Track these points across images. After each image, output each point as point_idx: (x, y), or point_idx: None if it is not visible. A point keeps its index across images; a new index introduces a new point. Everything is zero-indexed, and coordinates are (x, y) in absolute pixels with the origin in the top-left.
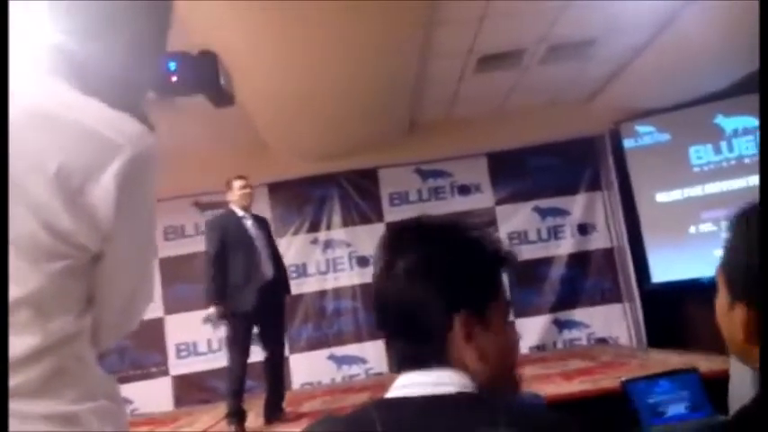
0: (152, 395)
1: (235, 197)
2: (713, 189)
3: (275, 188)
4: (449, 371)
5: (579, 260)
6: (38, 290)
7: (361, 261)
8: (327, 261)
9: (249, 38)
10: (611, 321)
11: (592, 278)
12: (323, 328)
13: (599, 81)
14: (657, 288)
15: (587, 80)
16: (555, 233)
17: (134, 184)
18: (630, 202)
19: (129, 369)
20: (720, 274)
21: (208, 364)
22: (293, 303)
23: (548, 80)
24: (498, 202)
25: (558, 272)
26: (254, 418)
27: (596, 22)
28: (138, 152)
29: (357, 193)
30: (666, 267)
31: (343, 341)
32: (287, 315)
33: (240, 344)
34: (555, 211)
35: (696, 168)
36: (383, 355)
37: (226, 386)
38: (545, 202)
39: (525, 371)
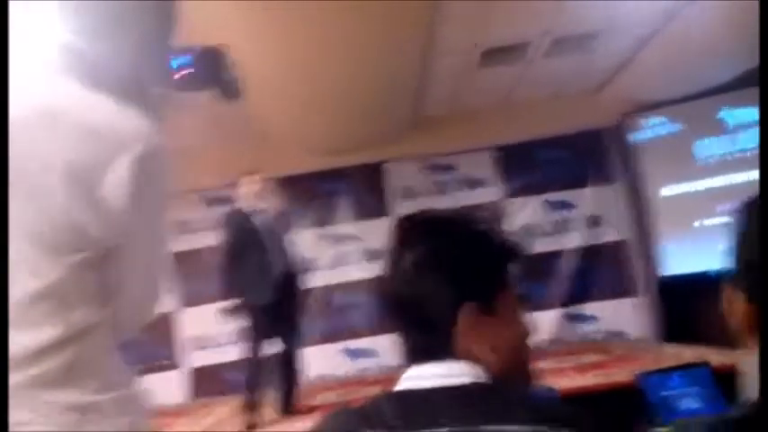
0: (168, 387)
1: (248, 192)
2: (721, 182)
3: (283, 183)
4: (459, 362)
5: (589, 253)
6: (57, 282)
7: (371, 255)
8: (336, 255)
9: (253, 36)
10: (622, 315)
11: (602, 271)
12: (335, 321)
13: (605, 73)
14: (668, 281)
15: (593, 72)
16: (564, 227)
17: (146, 179)
18: (640, 195)
19: (141, 362)
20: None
21: (223, 356)
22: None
23: (553, 73)
24: (506, 195)
25: (569, 265)
26: (267, 411)
27: (600, 14)
28: (150, 147)
29: (364, 187)
30: (677, 260)
31: (355, 335)
32: (300, 309)
33: (257, 336)
34: (563, 205)
35: (702, 161)
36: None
37: (244, 378)
38: (553, 196)
39: (538, 365)
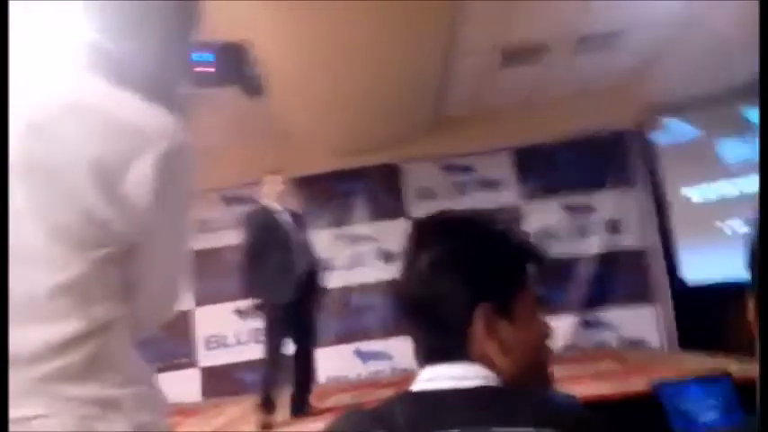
0: (180, 386)
1: (271, 192)
2: (748, 186)
3: (301, 183)
4: (473, 364)
5: (608, 259)
6: (80, 276)
7: (387, 256)
8: (353, 256)
9: (276, 35)
10: (641, 323)
11: (621, 278)
12: (349, 322)
13: (627, 74)
14: (689, 289)
15: (615, 74)
16: (583, 231)
17: (170, 175)
18: (661, 199)
19: (158, 360)
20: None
21: (236, 356)
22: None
23: (575, 74)
24: (524, 197)
25: (587, 271)
26: (280, 412)
27: (624, 15)
28: (174, 145)
29: (382, 188)
30: (699, 267)
31: (369, 336)
32: (318, 309)
33: (276, 335)
34: (583, 208)
35: (728, 164)
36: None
37: (261, 376)
38: (573, 199)
39: (554, 371)
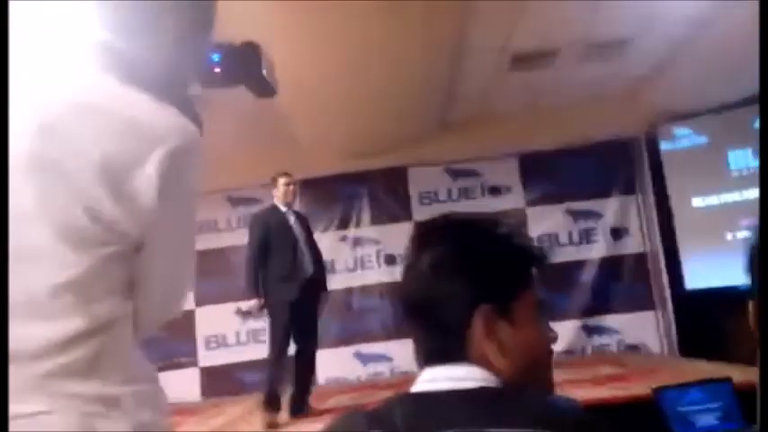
0: (180, 386)
1: (279, 193)
2: (752, 195)
3: (305, 185)
4: (473, 366)
5: (611, 265)
6: (84, 274)
7: (390, 259)
8: (356, 258)
9: (285, 35)
10: (642, 328)
11: (624, 284)
12: (350, 325)
13: (635, 81)
14: (692, 295)
15: (623, 80)
16: (587, 236)
17: (176, 174)
18: (665, 207)
19: (158, 359)
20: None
21: (236, 356)
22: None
23: (583, 80)
24: (529, 203)
25: (590, 276)
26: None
27: (633, 21)
28: (181, 143)
29: (387, 191)
30: (702, 274)
31: (369, 339)
32: (320, 310)
33: (280, 335)
34: (587, 214)
35: (734, 173)
36: (409, 354)
37: (266, 375)
38: (577, 205)
39: (554, 376)
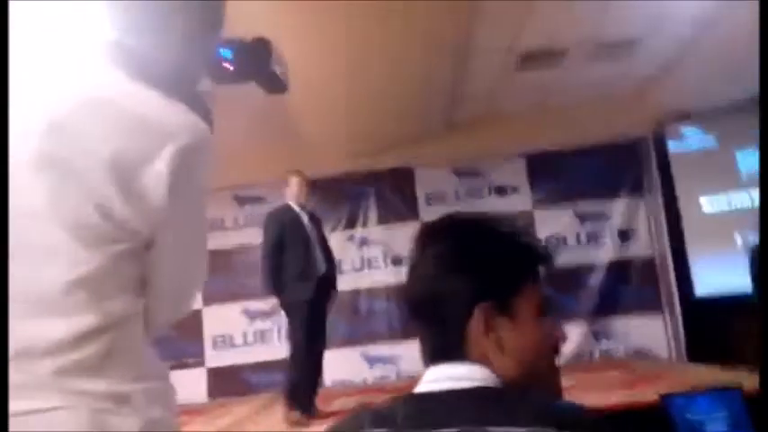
0: (187, 386)
1: (292, 192)
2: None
3: (313, 184)
4: (474, 365)
5: (619, 268)
6: (95, 271)
7: (396, 260)
8: (362, 259)
9: (291, 34)
10: (650, 333)
11: (632, 287)
12: (356, 326)
13: (643, 81)
14: (700, 300)
15: (631, 80)
16: (594, 238)
17: (186, 172)
18: (674, 208)
19: (167, 359)
20: None
21: (242, 356)
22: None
23: (591, 80)
24: (536, 204)
25: (597, 279)
26: (281, 413)
27: (641, 21)
28: (192, 140)
29: (393, 191)
30: (711, 279)
31: (376, 340)
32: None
33: (300, 333)
34: (595, 216)
35: (744, 174)
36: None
37: (289, 375)
38: (585, 206)
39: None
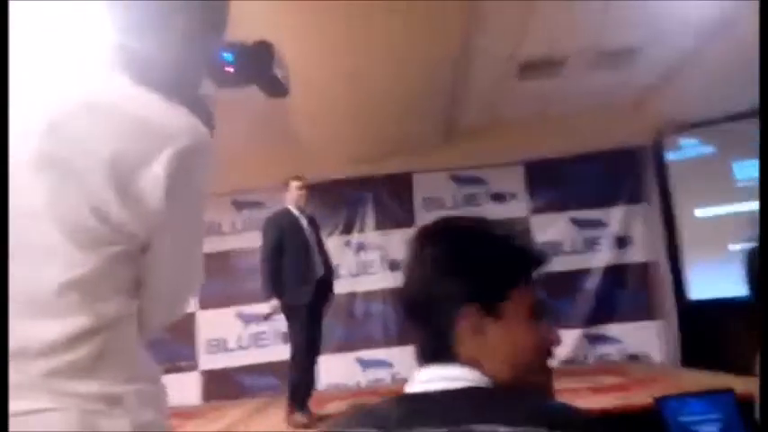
0: (181, 389)
1: (292, 197)
2: (757, 206)
3: (311, 189)
4: (464, 367)
5: (615, 273)
6: (89, 274)
7: (393, 265)
8: (359, 263)
9: (291, 38)
10: (645, 338)
11: (627, 293)
12: (352, 330)
13: (643, 90)
14: (695, 305)
15: (631, 89)
16: (591, 245)
17: (184, 175)
18: (670, 217)
19: (161, 362)
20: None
21: (237, 360)
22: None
23: (591, 89)
24: (534, 211)
25: (593, 284)
26: (278, 416)
27: (641, 31)
28: (191, 143)
29: (391, 197)
30: (705, 284)
31: (371, 345)
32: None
33: (302, 336)
34: (592, 223)
35: (740, 184)
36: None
37: (291, 378)
38: (582, 213)
39: (555, 383)
